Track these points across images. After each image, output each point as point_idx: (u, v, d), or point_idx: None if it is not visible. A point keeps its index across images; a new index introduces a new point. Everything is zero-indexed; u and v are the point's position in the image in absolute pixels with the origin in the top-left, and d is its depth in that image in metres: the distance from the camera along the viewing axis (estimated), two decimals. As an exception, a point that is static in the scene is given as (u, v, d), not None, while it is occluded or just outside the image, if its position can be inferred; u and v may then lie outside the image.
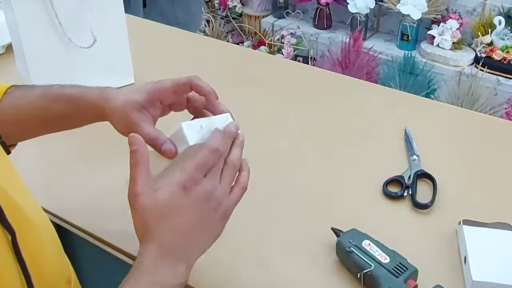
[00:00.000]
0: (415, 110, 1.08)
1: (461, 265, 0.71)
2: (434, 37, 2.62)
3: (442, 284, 0.66)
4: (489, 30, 2.53)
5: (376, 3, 2.76)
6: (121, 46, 1.10)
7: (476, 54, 2.54)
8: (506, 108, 2.41)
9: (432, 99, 1.69)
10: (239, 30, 3.24)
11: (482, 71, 2.45)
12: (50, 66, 1.02)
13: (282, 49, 2.94)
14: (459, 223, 0.75)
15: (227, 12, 3.25)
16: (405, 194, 0.83)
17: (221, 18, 3.26)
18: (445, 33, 2.59)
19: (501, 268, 0.68)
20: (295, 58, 2.91)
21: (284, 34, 2.97)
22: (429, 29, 2.67)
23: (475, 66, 2.54)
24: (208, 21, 3.18)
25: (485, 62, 2.47)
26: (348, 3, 2.76)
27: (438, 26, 2.62)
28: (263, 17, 3.17)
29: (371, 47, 2.72)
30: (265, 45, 3.01)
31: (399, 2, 2.63)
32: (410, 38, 2.70)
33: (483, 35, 2.53)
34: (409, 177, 0.86)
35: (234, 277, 0.71)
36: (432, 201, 0.81)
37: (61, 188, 0.87)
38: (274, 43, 2.99)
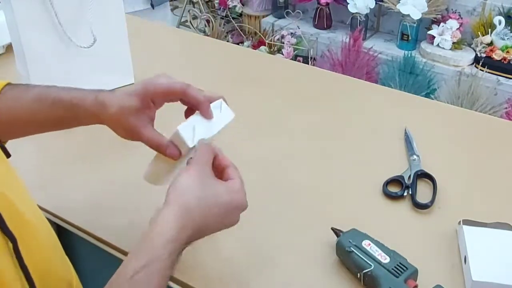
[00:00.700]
0: (415, 110, 1.08)
1: (461, 265, 0.71)
2: (434, 37, 2.62)
3: (442, 284, 0.66)
4: (489, 30, 2.53)
5: (376, 3, 2.76)
6: (121, 46, 1.10)
7: (476, 54, 2.54)
8: (506, 108, 2.41)
9: (432, 99, 1.69)
10: (239, 30, 3.24)
11: (482, 71, 2.45)
12: (50, 66, 1.02)
13: (282, 49, 2.94)
14: (459, 223, 0.75)
15: (227, 12, 3.25)
16: (405, 194, 0.83)
17: (221, 18, 3.26)
18: (445, 33, 2.59)
19: (501, 268, 0.68)
20: (295, 58, 2.91)
21: (284, 34, 2.97)
22: (429, 29, 2.67)
23: (475, 66, 2.54)
24: (208, 21, 3.18)
25: (485, 62, 2.47)
26: (348, 3, 2.76)
27: (438, 26, 2.62)
28: (263, 17, 3.17)
29: (371, 47, 2.71)
30: (265, 45, 3.01)
31: (399, 2, 2.63)
32: (410, 38, 2.70)
33: (483, 35, 2.53)
34: (409, 177, 0.86)
35: (234, 277, 0.71)
36: (432, 201, 0.81)
37: (61, 188, 0.87)
38: (274, 43, 2.99)
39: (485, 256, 0.69)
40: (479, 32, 2.56)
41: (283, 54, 2.92)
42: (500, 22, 2.50)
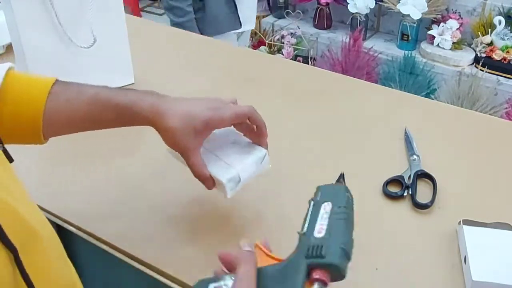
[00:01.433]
0: (415, 110, 1.08)
1: (461, 265, 0.71)
2: (434, 37, 2.62)
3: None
4: (489, 30, 2.53)
5: (376, 3, 2.76)
6: (121, 46, 1.10)
7: (476, 54, 2.54)
8: (506, 108, 2.41)
9: (432, 99, 1.69)
10: (239, 30, 3.24)
11: (482, 71, 2.45)
12: (50, 66, 1.02)
13: (282, 49, 2.94)
14: (459, 223, 0.75)
15: (227, 12, 3.24)
16: (405, 194, 0.83)
17: (221, 18, 3.26)
18: (445, 33, 2.59)
19: (501, 268, 0.68)
20: (295, 58, 2.91)
21: (284, 34, 2.97)
22: (429, 29, 2.67)
23: (475, 66, 2.54)
24: (208, 21, 3.18)
25: (485, 62, 2.47)
26: (348, 3, 2.76)
27: (438, 26, 2.62)
28: (263, 17, 3.17)
29: (371, 47, 2.72)
30: (265, 45, 3.01)
31: (399, 2, 2.64)
32: (410, 38, 2.70)
33: (483, 35, 2.53)
34: (409, 177, 0.86)
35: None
36: (432, 201, 0.81)
37: (61, 188, 0.87)
38: (274, 43, 2.99)
39: (485, 256, 0.69)
40: (479, 32, 2.56)
41: (283, 54, 2.92)
42: (500, 22, 2.50)
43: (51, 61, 1.02)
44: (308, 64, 2.75)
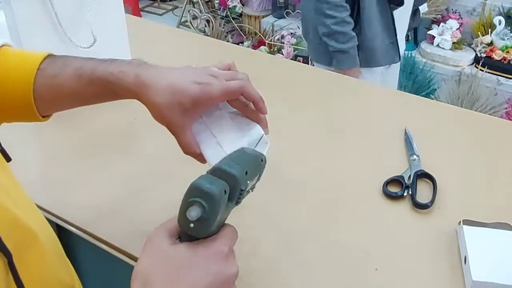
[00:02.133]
0: (415, 110, 1.08)
1: (461, 265, 0.71)
2: (434, 37, 2.62)
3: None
4: (489, 30, 2.53)
5: (376, 3, 2.76)
6: (121, 46, 1.10)
7: (476, 54, 2.54)
8: (506, 108, 2.41)
9: (432, 99, 1.69)
10: (239, 30, 3.24)
11: (482, 71, 2.45)
12: (50, 66, 1.02)
13: (282, 49, 2.94)
14: (459, 223, 0.75)
15: (227, 12, 3.25)
16: (405, 194, 0.83)
17: (221, 18, 3.26)
18: (445, 33, 2.59)
19: (501, 268, 0.68)
20: (295, 58, 2.91)
21: (284, 34, 2.97)
22: (429, 29, 2.67)
23: (475, 66, 2.54)
24: (208, 21, 3.18)
25: (485, 62, 2.47)
26: (348, 3, 2.75)
27: (438, 26, 2.62)
28: (263, 17, 3.17)
29: (371, 47, 2.71)
30: (265, 45, 3.01)
31: (399, 2, 2.63)
32: (410, 38, 2.70)
33: (483, 35, 2.53)
34: (409, 177, 0.86)
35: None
36: (432, 201, 0.81)
37: (61, 188, 0.87)
38: (274, 43, 2.99)
39: (485, 256, 0.69)
40: (479, 32, 2.56)
41: (283, 54, 2.92)
42: (500, 22, 2.50)
43: (51, 61, 1.02)
44: (308, 64, 2.75)
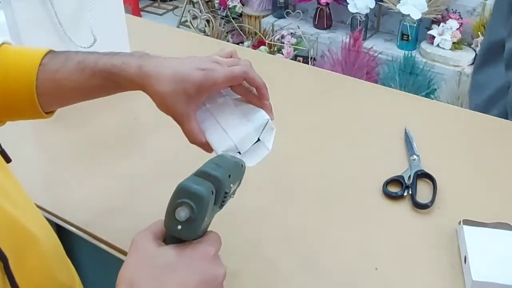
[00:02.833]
0: (415, 110, 1.08)
1: (461, 265, 0.71)
2: (434, 37, 2.62)
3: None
4: (489, 30, 2.52)
5: (376, 3, 2.76)
6: (121, 46, 1.10)
7: (476, 54, 2.54)
8: (506, 108, 2.40)
9: (432, 99, 1.69)
10: (239, 30, 3.24)
11: (482, 71, 2.45)
12: (50, 66, 1.02)
13: (282, 49, 2.94)
14: (459, 223, 0.75)
15: (227, 12, 3.25)
16: (405, 194, 0.83)
17: (221, 18, 3.26)
18: (445, 33, 2.59)
19: (501, 268, 0.68)
20: (295, 58, 2.91)
21: (284, 34, 2.97)
22: (429, 29, 2.67)
23: (475, 66, 2.53)
24: (208, 21, 3.18)
25: (485, 62, 2.47)
26: (348, 3, 2.76)
27: (438, 26, 2.62)
28: (263, 17, 3.17)
29: (371, 47, 2.72)
30: (265, 45, 3.01)
31: (399, 2, 2.63)
32: (410, 38, 2.70)
33: (483, 35, 2.53)
34: (409, 177, 0.86)
35: (235, 273, 0.71)
36: (432, 201, 0.81)
37: (61, 188, 0.87)
38: (274, 43, 2.99)
39: (485, 256, 0.69)
40: (479, 32, 2.56)
41: (283, 54, 2.92)
42: (500, 22, 2.49)
43: (51, 61, 1.02)
44: (308, 64, 2.75)
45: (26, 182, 0.64)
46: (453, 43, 2.59)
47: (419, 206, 0.81)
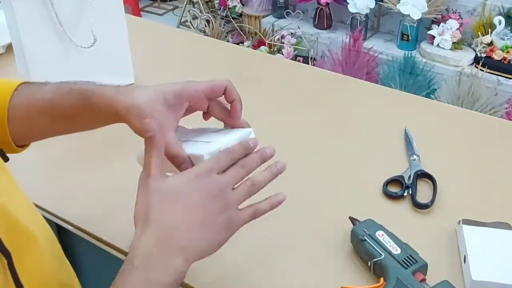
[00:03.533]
0: (415, 110, 1.08)
1: (461, 265, 0.71)
2: (434, 37, 2.62)
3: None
4: (489, 30, 2.52)
5: (376, 3, 2.76)
6: (121, 46, 1.10)
7: (476, 54, 2.54)
8: (507, 108, 2.40)
9: (432, 99, 1.69)
10: (239, 30, 3.24)
11: (482, 71, 2.45)
12: (50, 66, 1.02)
13: (282, 49, 2.94)
14: (459, 223, 0.75)
15: (227, 12, 3.25)
16: (405, 194, 0.83)
17: (221, 18, 3.26)
18: (445, 33, 2.59)
19: (501, 268, 0.68)
20: (295, 58, 2.91)
21: (284, 34, 2.97)
22: (429, 29, 2.67)
23: (475, 66, 2.53)
24: (208, 21, 3.18)
25: (485, 62, 2.47)
26: (348, 3, 2.76)
27: (438, 26, 2.62)
28: (263, 17, 3.17)
29: (371, 47, 2.71)
30: (265, 45, 3.01)
31: (399, 2, 2.63)
32: (410, 38, 2.70)
33: (483, 35, 2.53)
34: (409, 177, 0.86)
35: (235, 272, 0.71)
36: (432, 201, 0.81)
37: (61, 188, 0.87)
38: (274, 43, 2.99)
39: (485, 256, 0.69)
40: (479, 32, 2.56)
41: (283, 54, 2.92)
42: (500, 22, 2.50)
43: (51, 61, 1.02)
44: (308, 64, 2.75)
45: (26, 182, 0.64)
46: (453, 43, 2.59)
47: (419, 206, 0.81)
